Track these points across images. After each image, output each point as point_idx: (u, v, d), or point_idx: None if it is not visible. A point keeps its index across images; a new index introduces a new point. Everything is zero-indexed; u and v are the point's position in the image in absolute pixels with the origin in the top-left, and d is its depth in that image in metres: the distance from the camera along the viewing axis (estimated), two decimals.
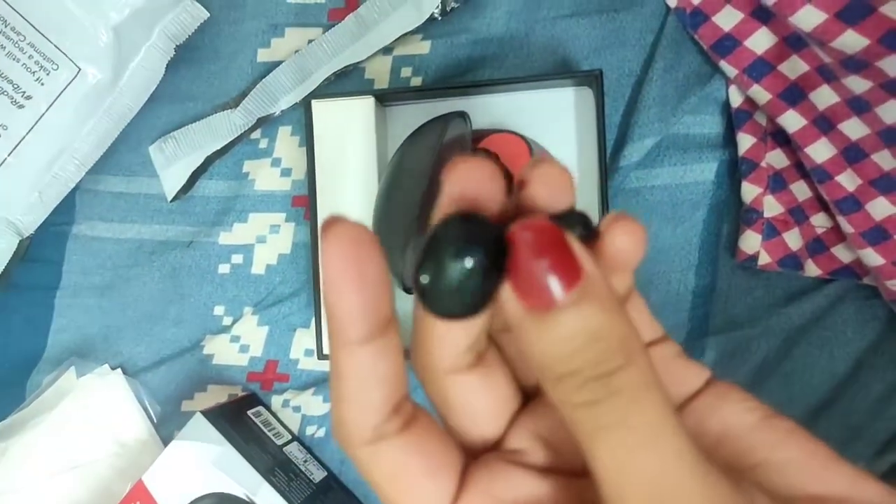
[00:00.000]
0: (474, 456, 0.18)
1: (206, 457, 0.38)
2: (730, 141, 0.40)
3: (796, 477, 0.17)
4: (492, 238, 0.14)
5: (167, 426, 0.44)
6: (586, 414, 0.14)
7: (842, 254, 0.39)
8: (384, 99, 0.39)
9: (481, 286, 0.14)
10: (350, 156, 0.38)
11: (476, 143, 0.36)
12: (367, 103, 0.37)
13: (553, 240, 0.14)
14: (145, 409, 0.45)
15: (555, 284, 0.14)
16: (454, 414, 0.18)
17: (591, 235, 0.16)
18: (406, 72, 0.42)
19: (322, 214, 0.39)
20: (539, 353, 0.14)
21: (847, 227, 0.37)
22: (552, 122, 0.38)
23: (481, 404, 0.17)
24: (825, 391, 0.39)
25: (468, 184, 0.15)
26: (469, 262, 0.14)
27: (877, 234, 0.36)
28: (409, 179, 0.34)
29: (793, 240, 0.39)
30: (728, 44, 0.38)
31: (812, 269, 0.39)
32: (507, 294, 0.14)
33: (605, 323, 0.14)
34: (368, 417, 0.16)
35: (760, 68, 0.37)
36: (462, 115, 0.35)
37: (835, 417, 0.39)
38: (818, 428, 0.39)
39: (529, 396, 0.19)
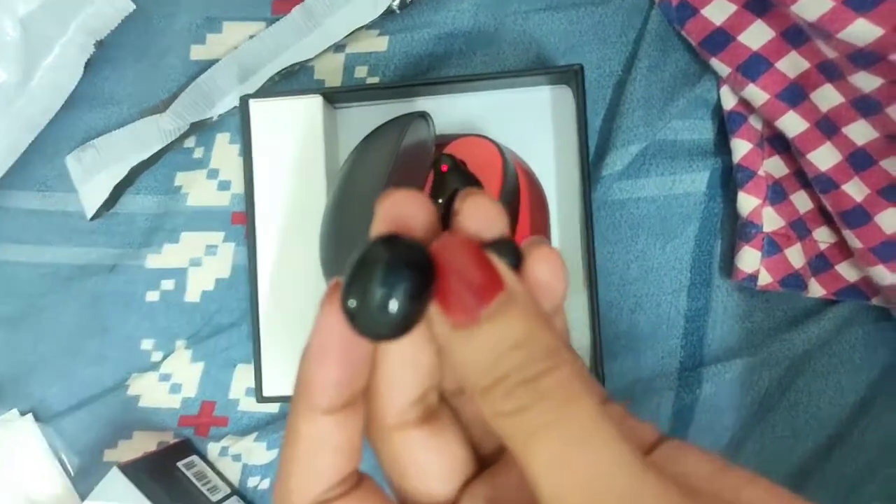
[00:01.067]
0: None
1: None
2: (722, 147, 0.36)
3: None
4: (416, 259, 0.15)
5: (87, 480, 0.39)
6: (517, 421, 0.14)
7: (847, 272, 0.35)
8: (334, 99, 0.34)
9: (407, 306, 0.14)
10: (294, 163, 0.33)
11: (440, 148, 0.31)
12: (313, 103, 0.32)
13: (472, 254, 0.15)
14: (60, 461, 0.40)
15: (476, 297, 0.14)
16: (402, 474, 0.17)
17: (520, 264, 0.16)
18: (361, 71, 0.37)
19: (262, 231, 0.34)
20: (466, 365, 0.15)
21: (854, 242, 0.33)
22: (527, 125, 0.34)
23: (430, 463, 0.17)
24: (834, 425, 0.36)
25: (399, 213, 0.16)
26: (393, 283, 0.14)
27: (888, 250, 0.33)
28: (363, 188, 0.29)
29: (795, 257, 0.35)
30: (720, 39, 0.34)
31: (816, 290, 0.35)
32: (435, 315, 0.15)
33: (528, 330, 0.14)
34: (314, 486, 0.16)
35: (756, 66, 0.34)
36: (423, 116, 0.31)
37: (846, 454, 0.36)
38: (829, 466, 0.35)
39: (486, 465, 0.18)
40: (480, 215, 0.16)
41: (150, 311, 0.39)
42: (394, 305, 0.14)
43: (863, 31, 0.29)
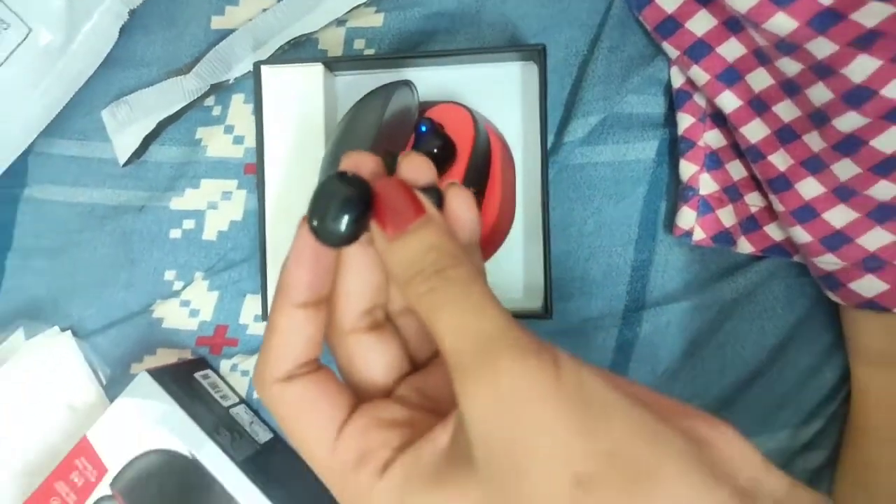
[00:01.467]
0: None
1: (150, 414, 0.38)
2: (671, 121, 0.41)
3: None
4: (357, 187, 0.21)
5: (116, 388, 0.45)
6: (429, 299, 0.19)
7: (774, 232, 0.40)
8: (334, 67, 0.39)
9: (351, 220, 0.20)
10: (299, 122, 0.38)
11: (422, 112, 0.37)
12: (316, 70, 0.38)
13: (403, 189, 0.21)
14: (94, 372, 0.45)
15: (404, 217, 0.20)
16: (352, 367, 0.23)
17: (440, 202, 0.22)
18: (359, 43, 0.42)
19: (270, 181, 0.39)
20: (396, 264, 0.20)
21: (778, 206, 0.38)
22: (498, 96, 0.39)
23: (374, 359, 0.23)
24: (756, 362, 0.41)
25: (354, 164, 0.22)
26: (340, 204, 0.20)
27: (805, 213, 0.37)
28: (354, 142, 0.35)
29: (726, 217, 0.40)
30: (670, 25, 0.39)
31: (745, 246, 0.40)
32: (376, 234, 0.21)
33: (441, 239, 0.20)
34: (285, 364, 0.21)
35: (700, 50, 0.38)
36: (408, 84, 0.36)
37: (765, 386, 0.41)
38: (750, 395, 0.41)
39: (419, 369, 0.24)
40: (414, 168, 0.23)
41: (172, 247, 0.45)
42: (342, 220, 0.20)
43: (783, 22, 0.34)
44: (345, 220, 0.20)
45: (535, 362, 0.18)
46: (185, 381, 0.41)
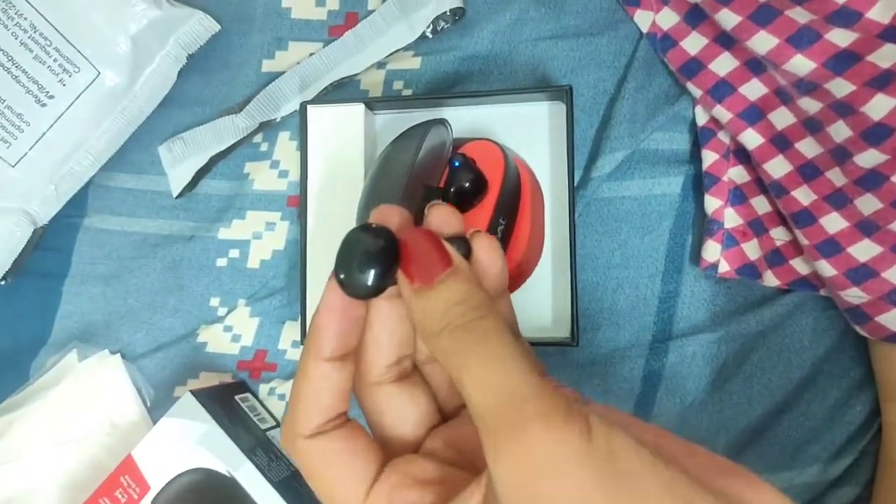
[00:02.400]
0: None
1: (192, 434, 0.40)
2: (696, 157, 0.42)
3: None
4: (382, 239, 0.21)
5: (159, 410, 0.46)
6: (455, 353, 0.19)
7: (800, 266, 0.41)
8: (374, 107, 0.42)
9: (379, 274, 0.21)
10: (341, 158, 0.41)
11: (456, 148, 0.39)
12: (357, 110, 0.40)
13: (430, 240, 0.21)
14: (140, 393, 0.47)
15: (433, 269, 0.20)
16: (380, 419, 0.23)
17: (468, 252, 0.23)
18: (398, 84, 0.45)
19: (312, 213, 0.42)
20: (422, 317, 0.20)
21: (803, 240, 0.39)
22: (528, 134, 0.41)
23: (402, 411, 0.23)
24: (783, 395, 0.41)
25: (383, 217, 0.23)
26: (365, 256, 0.21)
27: (830, 247, 0.38)
28: (391, 175, 0.37)
29: (751, 250, 0.41)
30: (694, 66, 0.41)
31: (771, 280, 0.41)
32: (401, 283, 0.21)
33: (467, 291, 0.20)
34: (314, 418, 0.21)
35: (723, 90, 0.40)
36: (443, 122, 0.38)
37: (793, 420, 0.41)
38: (778, 428, 0.41)
39: (447, 419, 0.24)
40: (441, 217, 0.23)
41: (218, 275, 0.47)
42: (368, 272, 0.20)
43: (801, 64, 0.36)
44: (371, 272, 0.20)
45: (565, 429, 0.17)
46: (225, 403, 0.43)
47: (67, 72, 0.45)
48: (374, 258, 0.21)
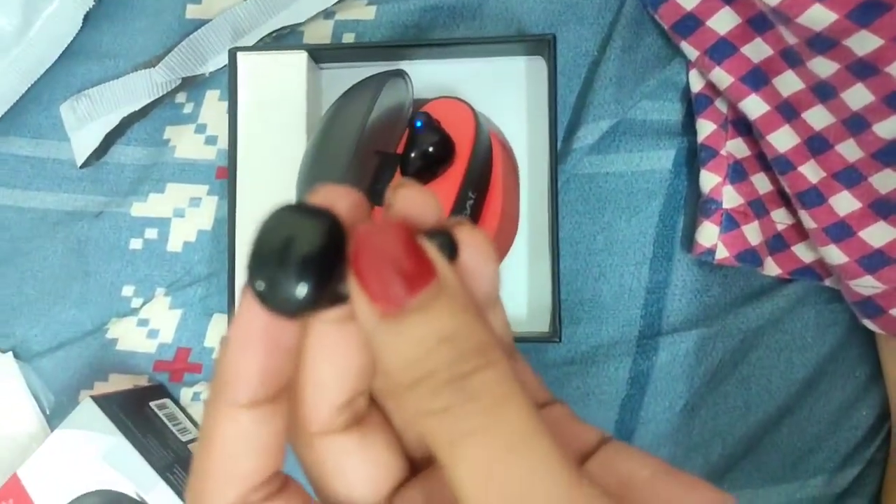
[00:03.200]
0: None
1: (94, 449, 0.34)
2: (689, 128, 0.38)
3: None
4: (325, 228, 0.14)
5: (61, 418, 0.39)
6: (444, 421, 0.13)
7: (803, 253, 0.37)
8: (320, 58, 0.36)
9: (318, 282, 0.13)
10: (278, 118, 0.35)
11: (418, 108, 0.33)
12: (299, 59, 0.34)
13: (402, 239, 0.14)
14: (37, 399, 0.41)
15: (405, 285, 0.13)
16: (327, 482, 0.16)
17: (454, 253, 0.15)
18: (348, 37, 0.39)
19: (243, 184, 0.35)
20: (391, 358, 0.14)
21: (809, 222, 0.35)
22: (502, 93, 0.36)
23: (356, 471, 0.16)
24: (783, 398, 0.38)
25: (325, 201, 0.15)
26: (301, 256, 0.13)
27: (840, 230, 0.34)
28: (338, 140, 0.31)
29: (752, 234, 0.37)
30: (690, 24, 0.36)
31: (772, 268, 0.37)
32: (356, 299, 0.14)
33: (459, 324, 0.13)
34: (233, 489, 0.15)
35: (723, 50, 0.36)
36: (401, 75, 0.32)
37: (795, 426, 0.38)
38: (778, 436, 0.37)
39: (420, 468, 0.17)
40: (413, 204, 0.15)
41: (132, 259, 0.40)
42: (301, 279, 0.13)
43: (819, 15, 0.31)
44: (305, 278, 0.13)
45: None
46: (137, 410, 0.36)
47: None
48: (310, 256, 0.13)
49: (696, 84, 0.38)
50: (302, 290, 0.13)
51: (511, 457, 0.13)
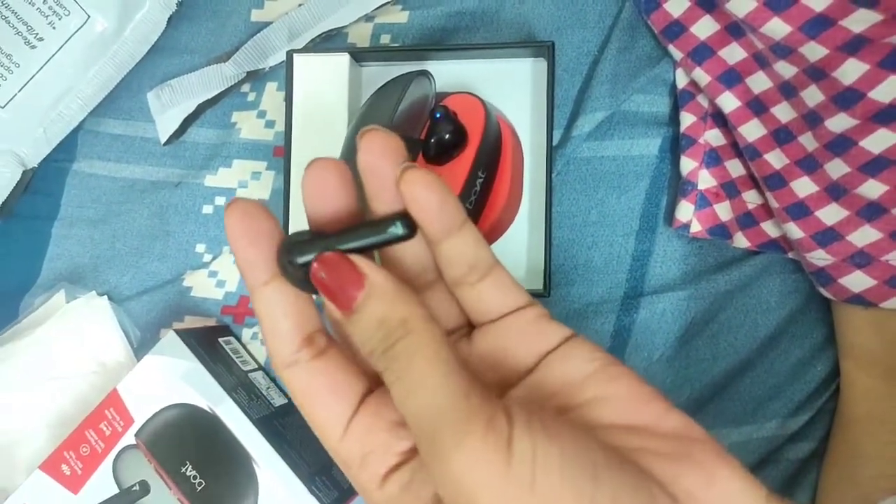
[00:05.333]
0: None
1: (175, 371, 0.41)
2: (675, 119, 0.43)
3: (616, 410, 0.20)
4: (317, 246, 0.20)
5: (144, 351, 0.47)
6: (387, 375, 0.19)
7: (770, 229, 0.42)
8: (359, 58, 0.43)
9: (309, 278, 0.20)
10: (325, 108, 0.42)
11: (439, 101, 0.40)
12: (342, 59, 0.41)
13: (338, 263, 0.20)
14: (126, 334, 0.48)
15: (348, 294, 0.19)
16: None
17: (412, 230, 0.20)
18: (385, 38, 0.45)
19: (296, 161, 0.42)
20: (354, 339, 0.20)
21: (773, 202, 0.40)
22: (510, 90, 0.42)
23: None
24: (748, 352, 0.42)
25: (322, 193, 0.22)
26: (296, 265, 0.20)
27: (798, 210, 0.39)
28: (373, 124, 0.37)
29: (723, 212, 0.42)
30: (676, 29, 0.41)
31: (741, 241, 0.42)
32: (326, 305, 0.20)
33: (387, 310, 0.19)
34: (284, 345, 0.21)
35: (703, 52, 0.41)
36: (425, 74, 0.39)
37: (757, 377, 0.42)
38: (741, 384, 0.42)
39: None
40: (376, 146, 0.21)
41: (204, 221, 0.48)
42: (301, 277, 0.20)
43: (777, 27, 0.36)
44: (305, 277, 0.20)
45: (482, 445, 0.17)
46: (209, 344, 0.44)
47: (57, 14, 0.45)
48: (304, 265, 0.20)
49: (681, 81, 0.43)
50: (304, 285, 0.20)
51: (418, 391, 0.18)
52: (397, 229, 0.20)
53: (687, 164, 0.42)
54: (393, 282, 0.20)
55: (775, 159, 0.39)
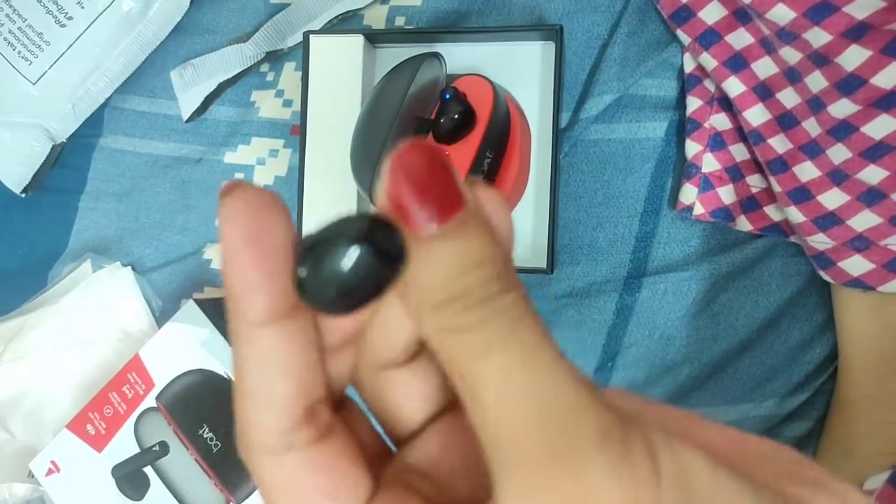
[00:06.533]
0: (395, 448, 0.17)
1: (195, 339, 0.44)
2: (682, 103, 0.44)
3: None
4: (376, 231, 0.13)
5: (166, 319, 0.50)
6: (471, 338, 0.13)
7: (772, 213, 0.42)
8: (374, 40, 0.44)
9: (364, 280, 0.13)
10: (340, 88, 0.43)
11: (449, 82, 0.41)
12: (357, 41, 0.42)
13: (437, 166, 0.14)
14: (149, 303, 0.50)
15: (439, 209, 0.14)
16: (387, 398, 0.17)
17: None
18: (400, 20, 0.47)
19: (311, 140, 0.44)
20: (426, 276, 0.14)
21: (776, 186, 0.41)
22: (520, 73, 0.43)
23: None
24: (748, 333, 0.43)
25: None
26: (350, 256, 0.13)
27: (801, 194, 0.39)
28: (384, 107, 0.39)
29: (726, 195, 0.43)
30: (684, 14, 0.42)
31: (744, 224, 0.43)
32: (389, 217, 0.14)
33: (488, 250, 0.14)
34: (274, 418, 0.14)
35: (710, 37, 0.41)
36: (436, 56, 0.40)
37: (755, 357, 0.43)
38: (740, 364, 0.43)
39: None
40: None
41: None
42: (347, 280, 0.13)
43: (782, 12, 0.37)
44: (346, 298, 0.13)
45: (628, 472, 0.12)
46: (227, 313, 0.46)
47: None
48: (364, 256, 0.13)
49: (689, 65, 0.43)
50: (338, 302, 0.13)
51: (529, 366, 0.13)
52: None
53: (692, 148, 0.43)
54: (491, 221, 0.15)
55: (779, 144, 0.40)
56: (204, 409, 0.43)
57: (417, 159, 0.14)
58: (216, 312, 0.45)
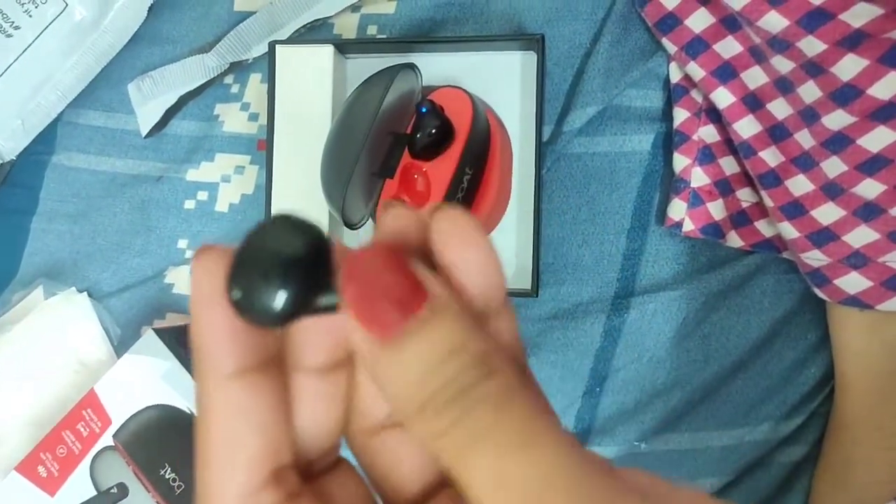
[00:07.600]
0: None
1: (155, 371, 0.41)
2: (668, 115, 0.42)
3: None
4: (306, 239, 0.13)
5: (125, 348, 0.47)
6: (454, 435, 0.12)
7: (764, 228, 0.41)
8: (345, 50, 0.41)
9: (291, 290, 0.13)
10: (309, 101, 0.40)
11: (425, 95, 0.39)
12: (326, 51, 0.40)
13: (390, 263, 0.13)
14: (106, 332, 0.47)
15: (399, 310, 0.13)
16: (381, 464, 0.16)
17: None
18: (372, 29, 0.44)
19: (279, 156, 0.41)
20: (395, 384, 0.13)
21: (768, 201, 0.39)
22: (499, 84, 0.41)
23: (407, 454, 0.15)
24: (740, 354, 0.41)
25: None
26: (274, 266, 0.13)
27: (794, 209, 0.38)
28: (356, 121, 0.36)
29: (716, 210, 0.41)
30: (670, 22, 0.40)
31: (735, 240, 0.41)
32: (352, 329, 0.13)
33: (460, 337, 0.13)
34: (238, 480, 0.13)
35: (697, 46, 0.40)
36: (412, 67, 0.38)
37: (749, 379, 0.41)
38: (733, 386, 0.41)
39: None
40: (404, 225, 0.15)
41: (186, 216, 0.47)
42: (280, 294, 0.13)
43: (775, 20, 0.35)
44: (282, 290, 0.13)
45: None
46: (189, 342, 0.43)
47: (34, 2, 0.44)
48: (287, 267, 0.13)
49: (675, 76, 0.42)
50: (278, 301, 0.13)
51: (522, 454, 0.12)
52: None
53: (680, 162, 0.41)
54: (460, 302, 0.14)
55: (770, 157, 0.39)
56: (165, 447, 0.40)
57: (369, 264, 0.13)
58: (177, 342, 0.42)
